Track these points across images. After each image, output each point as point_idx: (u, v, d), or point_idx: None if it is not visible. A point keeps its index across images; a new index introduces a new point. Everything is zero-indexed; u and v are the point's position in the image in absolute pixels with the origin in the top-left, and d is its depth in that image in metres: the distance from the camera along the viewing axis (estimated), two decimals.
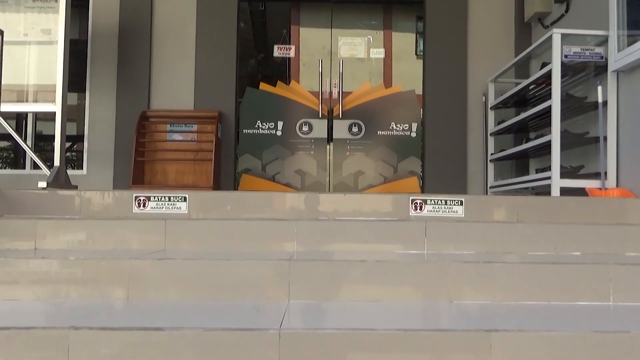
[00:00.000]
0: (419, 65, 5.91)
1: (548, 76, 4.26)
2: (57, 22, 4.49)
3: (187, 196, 3.26)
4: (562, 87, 4.19)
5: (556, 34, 4.15)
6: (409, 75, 6.03)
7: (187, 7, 5.84)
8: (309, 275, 2.37)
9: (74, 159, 6.01)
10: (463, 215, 3.20)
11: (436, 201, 3.23)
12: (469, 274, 2.38)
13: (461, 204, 3.22)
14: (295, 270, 2.38)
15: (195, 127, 5.55)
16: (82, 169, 5.71)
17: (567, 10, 4.96)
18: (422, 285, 2.38)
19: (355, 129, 5.73)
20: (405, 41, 6.17)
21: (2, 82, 4.20)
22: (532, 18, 5.45)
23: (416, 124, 5.74)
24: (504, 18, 5.82)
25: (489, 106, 5.47)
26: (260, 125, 5.72)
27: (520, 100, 5.14)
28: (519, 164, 5.58)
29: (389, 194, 3.31)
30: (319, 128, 5.72)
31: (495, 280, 2.38)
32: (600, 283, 2.39)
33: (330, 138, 5.72)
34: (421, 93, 5.82)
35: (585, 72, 4.37)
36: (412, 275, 2.38)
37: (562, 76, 4.19)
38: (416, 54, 6.12)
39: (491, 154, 5.42)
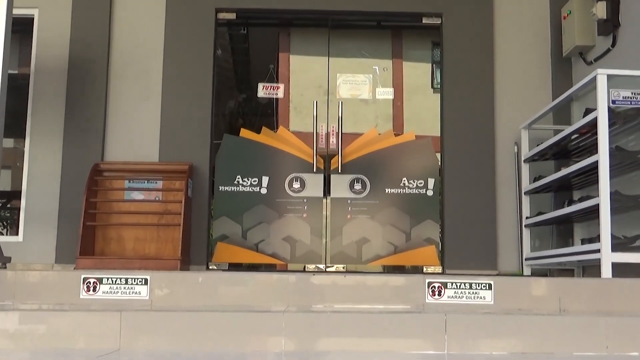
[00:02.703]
0: (436, 100, 6.02)
1: (593, 124, 4.35)
2: None
3: (148, 278, 3.28)
4: (610, 138, 4.26)
5: (601, 75, 4.25)
6: (425, 111, 6.12)
7: (152, 35, 5.96)
8: None
9: (7, 219, 6.01)
10: (492, 302, 3.22)
11: (458, 285, 3.25)
12: None
13: (489, 287, 3.24)
14: None
15: (160, 184, 5.58)
16: (18, 234, 5.70)
17: (613, 45, 5.10)
18: None
19: (358, 186, 5.77)
20: (419, 72, 6.30)
21: None
22: (572, 52, 5.60)
23: (433, 180, 5.79)
24: (539, 51, 5.97)
25: (523, 158, 5.54)
26: (240, 181, 5.76)
27: (560, 152, 5.21)
28: (561, 230, 5.61)
29: (399, 276, 3.33)
30: (314, 185, 5.77)
31: None
32: None
33: (327, 197, 5.77)
34: (439, 135, 5.90)
35: (638, 120, 4.46)
36: None
37: (610, 125, 4.27)
38: (432, 86, 6.23)
39: (526, 218, 5.46)
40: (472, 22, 5.98)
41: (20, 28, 5.88)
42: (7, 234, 5.86)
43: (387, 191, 5.78)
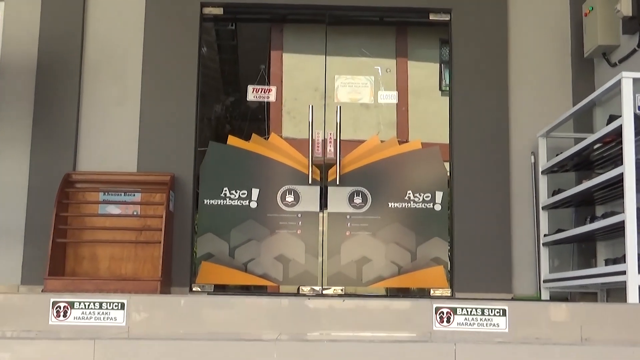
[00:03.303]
0: (444, 105, 6.03)
1: (618, 133, 4.37)
2: None
3: (125, 302, 3.27)
4: (637, 148, 4.27)
5: (626, 78, 4.27)
6: (432, 117, 6.14)
7: (131, 32, 5.95)
8: None
9: None
10: (506, 330, 3.23)
11: (469, 310, 3.26)
12: None
13: (504, 313, 3.25)
14: None
15: (138, 197, 5.57)
16: None
17: None
18: None
19: (358, 200, 5.79)
20: (425, 73, 6.32)
21: None
22: (595, 53, 5.62)
23: (441, 193, 5.80)
24: (558, 51, 5.99)
25: (540, 169, 5.55)
26: (227, 194, 5.76)
27: (582, 163, 5.23)
28: (583, 249, 5.62)
29: (404, 300, 3.34)
30: (309, 198, 5.78)
31: None
32: None
33: (323, 211, 5.78)
34: (447, 143, 5.93)
35: None
36: None
37: (637, 133, 4.28)
38: (440, 89, 6.25)
39: (544, 235, 5.47)
40: (484, 19, 6.00)
41: None
42: None
43: (390, 205, 5.79)
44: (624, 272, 4.19)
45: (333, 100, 6.02)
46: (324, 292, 5.70)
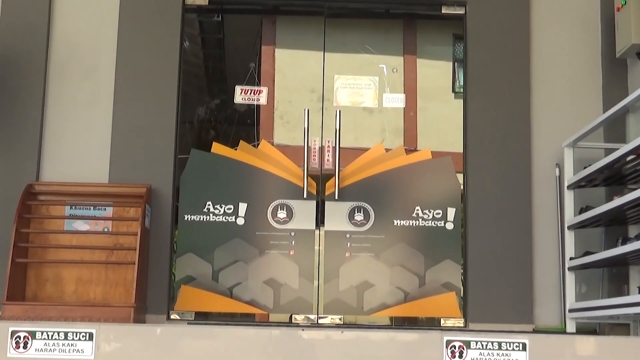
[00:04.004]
0: (458, 109, 6.05)
1: None
2: None
3: (93, 332, 3.27)
4: None
5: None
6: (444, 122, 6.16)
7: (103, 23, 5.97)
8: None
9: None
10: None
11: (484, 344, 3.27)
12: None
13: (524, 348, 3.26)
14: None
15: (109, 211, 5.56)
16: None
17: None
18: None
19: (359, 217, 5.80)
20: (437, 73, 6.33)
21: None
22: (628, 52, 5.64)
23: (454, 209, 5.82)
24: (586, 50, 6.02)
25: (566, 184, 5.56)
26: (211, 209, 5.77)
27: (613, 176, 5.24)
28: (614, 274, 5.62)
29: (411, 331, 3.34)
30: (304, 214, 5.79)
31: None
32: None
33: (320, 229, 5.79)
34: (461, 153, 5.95)
35: None
36: None
37: None
38: (454, 90, 6.26)
39: (570, 258, 5.47)
40: (503, 12, 6.03)
41: None
42: None
43: (395, 223, 5.81)
44: None
45: (332, 103, 6.04)
46: (320, 321, 5.70)
